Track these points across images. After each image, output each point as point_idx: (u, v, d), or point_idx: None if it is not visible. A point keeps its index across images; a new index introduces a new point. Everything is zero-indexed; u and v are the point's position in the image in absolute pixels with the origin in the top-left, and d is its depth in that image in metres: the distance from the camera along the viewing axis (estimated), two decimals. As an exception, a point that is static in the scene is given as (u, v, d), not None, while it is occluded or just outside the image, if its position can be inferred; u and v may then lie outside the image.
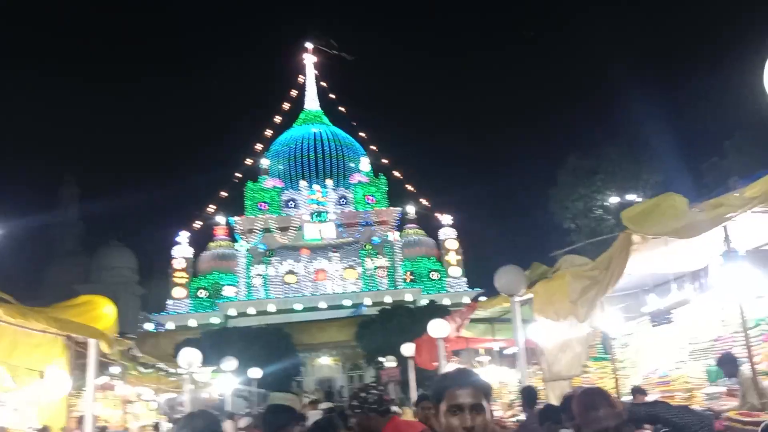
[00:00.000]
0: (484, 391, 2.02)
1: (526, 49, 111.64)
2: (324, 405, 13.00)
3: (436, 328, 11.86)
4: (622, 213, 5.15)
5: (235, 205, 56.49)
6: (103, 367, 10.27)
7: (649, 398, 7.59)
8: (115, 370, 10.45)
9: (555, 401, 6.87)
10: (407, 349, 15.75)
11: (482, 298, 37.87)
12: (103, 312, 6.51)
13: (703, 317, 7.34)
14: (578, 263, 6.60)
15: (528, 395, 7.33)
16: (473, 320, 12.42)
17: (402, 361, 19.09)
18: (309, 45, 65.94)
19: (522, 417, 8.16)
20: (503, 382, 14.21)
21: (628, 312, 9.20)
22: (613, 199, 34.21)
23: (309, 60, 65.96)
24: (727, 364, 6.02)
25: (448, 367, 12.93)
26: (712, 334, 7.19)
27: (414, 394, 15.80)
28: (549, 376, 10.83)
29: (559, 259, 9.36)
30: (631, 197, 34.11)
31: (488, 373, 15.47)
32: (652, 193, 33.58)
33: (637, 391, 7.34)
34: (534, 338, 9.37)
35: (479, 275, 53.59)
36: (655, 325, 8.64)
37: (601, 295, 5.74)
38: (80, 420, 7.42)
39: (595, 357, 10.16)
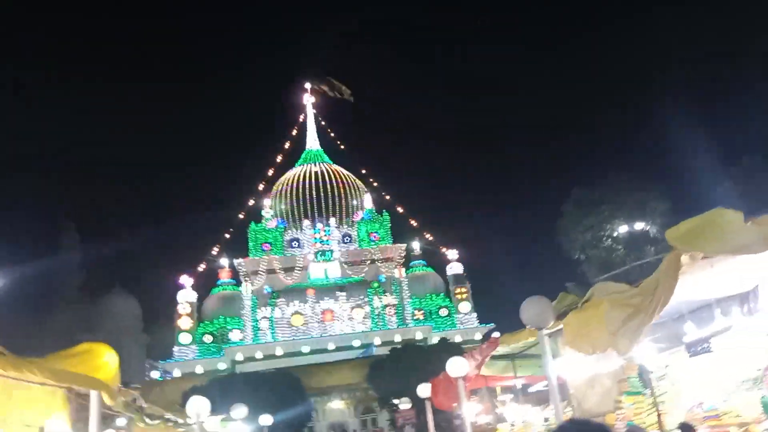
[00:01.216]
0: None
1: (530, 80, 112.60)
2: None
3: (455, 366, 11.28)
4: (667, 232, 4.74)
5: (238, 247, 56.23)
6: (107, 419, 9.74)
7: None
8: (121, 422, 9.91)
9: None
10: (423, 389, 15.12)
11: (495, 334, 37.14)
12: (105, 361, 6.06)
13: (749, 344, 6.84)
14: (615, 290, 6.13)
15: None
16: (492, 357, 11.87)
17: (417, 402, 18.43)
18: (308, 85, 66.67)
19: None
20: (527, 422, 13.58)
21: (660, 342, 8.70)
22: (622, 229, 33.83)
23: (308, 100, 66.64)
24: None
25: (468, 407, 12.33)
26: (762, 363, 6.68)
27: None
28: (579, 413, 10.23)
29: (568, 290, 8.91)
30: (639, 226, 33.78)
31: (510, 411, 14.86)
32: (662, 221, 33.21)
33: (686, 428, 6.78)
34: (560, 374, 8.86)
35: (489, 310, 52.94)
36: (692, 355, 8.13)
37: (645, 323, 5.28)
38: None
39: (628, 392, 9.60)
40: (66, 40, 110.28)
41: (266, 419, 19.19)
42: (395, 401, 26.48)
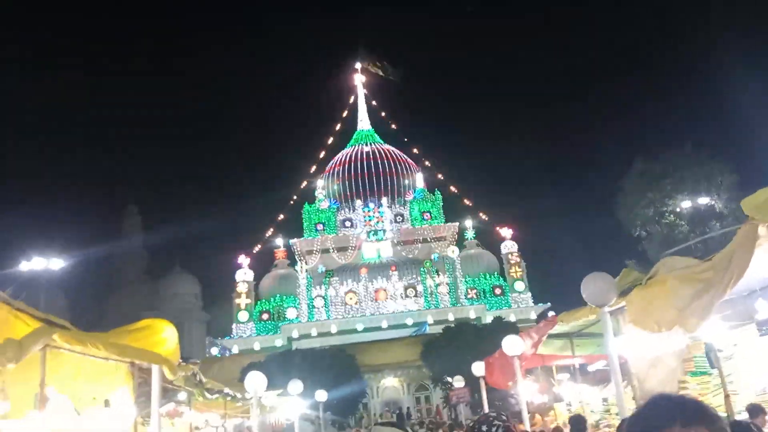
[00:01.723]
0: None
1: (588, 53, 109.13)
2: None
3: (511, 345, 11.10)
4: (743, 201, 4.43)
5: (293, 228, 57.10)
6: (169, 393, 10.05)
7: (772, 418, 6.67)
8: (181, 396, 10.20)
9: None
10: (478, 368, 15.00)
11: (550, 313, 36.52)
12: (165, 336, 6.17)
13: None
14: (683, 265, 5.82)
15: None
16: (549, 336, 11.60)
17: (471, 380, 18.32)
18: (358, 65, 66.51)
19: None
20: (584, 402, 13.28)
21: (729, 320, 8.27)
22: (686, 204, 32.47)
23: (359, 80, 66.52)
24: None
25: (524, 386, 12.14)
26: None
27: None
28: (641, 394, 9.87)
29: (625, 266, 8.53)
30: (704, 200, 32.32)
31: (567, 391, 14.56)
32: (728, 195, 31.66)
33: (755, 410, 6.41)
34: (622, 353, 8.54)
35: (543, 289, 52.10)
36: (762, 334, 7.68)
37: (717, 299, 4.98)
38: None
39: (693, 372, 9.21)
40: (129, 18, 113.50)
41: (322, 395, 19.49)
42: (449, 379, 26.44)
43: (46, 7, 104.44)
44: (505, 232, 54.20)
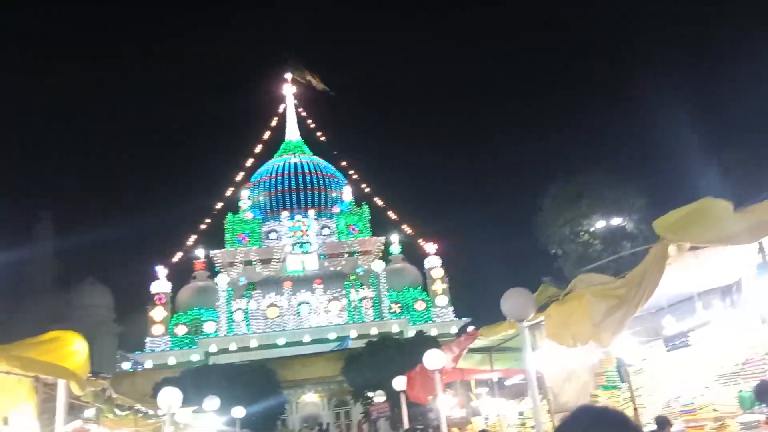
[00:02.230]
0: None
1: (510, 72, 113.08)
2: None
3: (432, 359, 11.18)
4: (655, 222, 4.67)
5: (214, 238, 55.57)
6: (76, 410, 9.45)
7: (675, 429, 7.04)
8: (89, 413, 9.63)
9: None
10: (399, 382, 15.01)
11: (470, 328, 37.20)
12: (73, 349, 5.81)
13: (729, 339, 6.84)
14: (598, 282, 6.07)
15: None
16: (469, 350, 11.80)
17: (392, 395, 18.33)
18: (288, 76, 66.05)
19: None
20: (502, 415, 13.57)
21: (639, 336, 8.70)
22: (600, 224, 34.10)
23: (289, 90, 66.00)
24: (766, 394, 5.49)
25: (444, 400, 12.26)
26: (740, 357, 6.68)
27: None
28: (555, 407, 10.21)
29: (542, 282, 8.85)
30: (617, 221, 34.08)
31: (485, 405, 14.85)
32: (639, 216, 33.51)
33: (662, 422, 6.74)
34: (538, 367, 8.80)
35: (465, 304, 53.04)
36: (670, 349, 8.13)
37: (629, 315, 5.22)
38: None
39: (605, 385, 9.61)
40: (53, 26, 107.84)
41: (239, 411, 18.95)
42: (370, 394, 26.39)
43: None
44: (430, 247, 54.97)
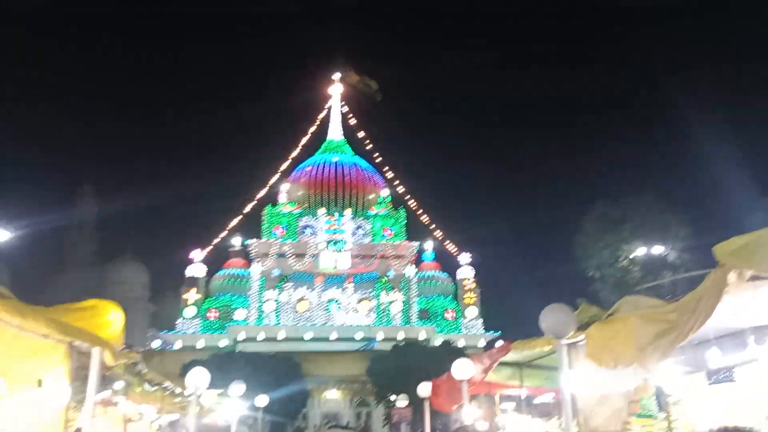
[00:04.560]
0: None
1: (559, 87, 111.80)
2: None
3: (461, 369, 10.99)
4: (715, 247, 4.45)
5: (252, 228, 56.28)
6: (106, 380, 9.58)
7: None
8: (118, 385, 9.75)
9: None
10: (423, 389, 14.84)
11: (499, 342, 36.67)
12: (110, 319, 5.87)
13: (779, 378, 6.51)
14: (647, 305, 5.84)
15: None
16: (500, 363, 11.56)
17: (415, 401, 18.17)
18: (337, 75, 66.45)
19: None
20: (526, 433, 13.29)
21: (681, 365, 8.37)
22: (641, 250, 33.21)
23: (336, 90, 66.40)
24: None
25: (469, 411, 12.06)
26: (791, 398, 6.35)
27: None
28: (585, 430, 9.91)
29: (581, 304, 8.58)
30: (658, 249, 33.14)
31: (510, 420, 14.55)
32: (681, 247, 32.54)
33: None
34: (570, 388, 8.54)
35: (494, 318, 52.44)
36: (712, 383, 7.79)
37: (679, 341, 4.99)
38: (76, 436, 6.71)
39: (639, 414, 9.28)
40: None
41: (262, 400, 19.08)
42: (392, 398, 26.26)
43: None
44: (463, 257, 54.56)
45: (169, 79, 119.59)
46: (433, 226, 57.62)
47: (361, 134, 63.86)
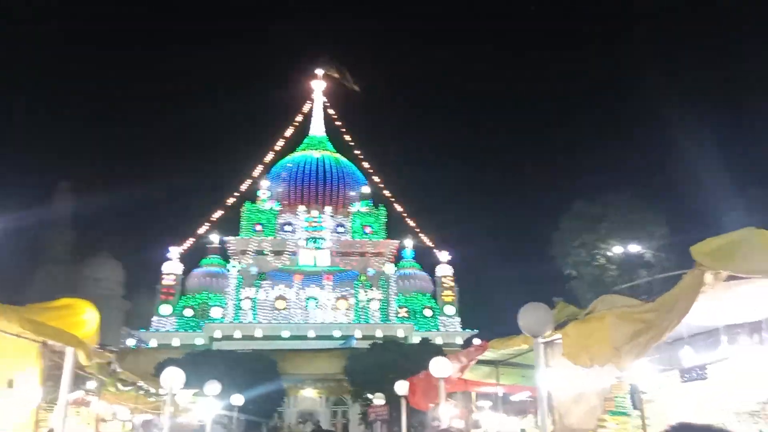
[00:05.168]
0: None
1: (537, 86, 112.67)
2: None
3: (439, 367, 11.00)
4: (692, 248, 4.50)
5: (230, 225, 55.80)
6: (79, 380, 9.43)
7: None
8: (91, 385, 9.61)
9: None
10: (401, 387, 14.84)
11: (476, 340, 36.86)
12: (84, 318, 5.76)
13: (751, 376, 6.62)
14: (623, 304, 5.89)
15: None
16: (477, 362, 11.61)
17: (392, 399, 18.17)
18: (319, 71, 66.13)
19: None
20: (502, 431, 13.38)
21: (655, 364, 8.48)
22: (617, 249, 33.65)
23: (318, 86, 66.09)
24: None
25: (446, 409, 12.10)
26: (762, 396, 6.46)
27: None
28: (560, 428, 9.99)
29: (558, 303, 8.65)
30: (635, 248, 33.59)
31: (486, 418, 14.65)
32: (657, 246, 33.04)
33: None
34: (546, 386, 8.60)
35: (472, 316, 52.78)
36: (685, 381, 7.91)
37: (655, 341, 5.04)
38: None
39: (613, 411, 9.39)
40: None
41: (238, 399, 18.94)
42: (369, 396, 26.22)
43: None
44: (442, 255, 54.72)
45: (147, 74, 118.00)
46: (413, 224, 57.79)
47: (342, 130, 63.69)
